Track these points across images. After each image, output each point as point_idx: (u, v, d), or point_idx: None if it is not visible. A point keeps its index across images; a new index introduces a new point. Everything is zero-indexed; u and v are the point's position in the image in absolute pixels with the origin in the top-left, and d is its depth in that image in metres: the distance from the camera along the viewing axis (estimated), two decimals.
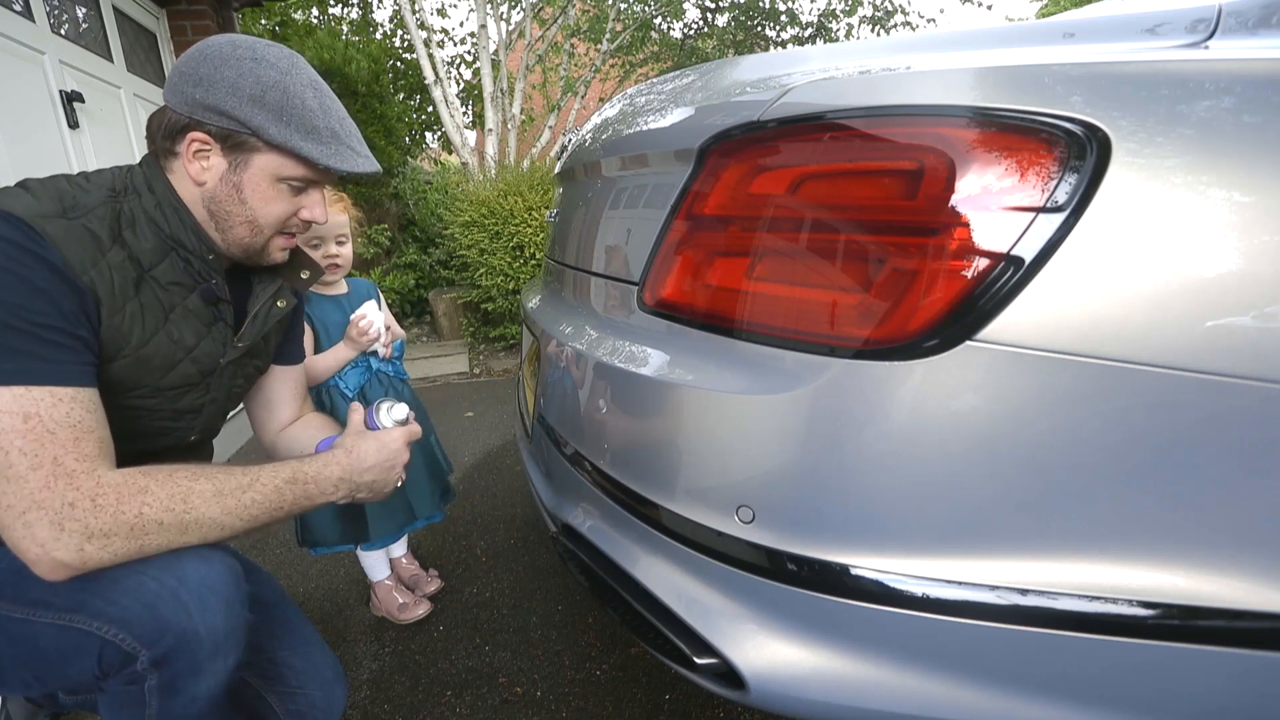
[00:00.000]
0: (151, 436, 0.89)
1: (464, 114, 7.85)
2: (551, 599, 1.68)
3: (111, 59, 2.82)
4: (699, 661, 0.74)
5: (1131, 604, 0.59)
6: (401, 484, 1.02)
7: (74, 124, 2.44)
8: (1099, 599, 0.60)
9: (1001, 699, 0.66)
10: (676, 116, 0.85)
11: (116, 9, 2.87)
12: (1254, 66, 0.57)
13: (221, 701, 0.82)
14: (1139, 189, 0.56)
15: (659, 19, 7.83)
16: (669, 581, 0.80)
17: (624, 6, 7.05)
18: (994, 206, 0.60)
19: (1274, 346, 0.54)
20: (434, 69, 5.69)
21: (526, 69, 6.33)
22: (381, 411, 1.01)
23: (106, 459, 0.75)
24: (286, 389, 1.13)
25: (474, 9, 5.91)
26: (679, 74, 1.02)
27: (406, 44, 7.45)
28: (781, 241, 0.71)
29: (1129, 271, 0.56)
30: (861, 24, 8.08)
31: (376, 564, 1.63)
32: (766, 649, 0.72)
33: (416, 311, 5.63)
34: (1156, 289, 0.56)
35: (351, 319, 1.47)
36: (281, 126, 0.80)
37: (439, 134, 7.65)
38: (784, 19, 7.98)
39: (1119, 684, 0.62)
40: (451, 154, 6.78)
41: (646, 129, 0.91)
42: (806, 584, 0.69)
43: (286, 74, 0.81)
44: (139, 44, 3.10)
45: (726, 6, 7.93)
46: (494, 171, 5.12)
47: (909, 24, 8.15)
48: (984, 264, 0.60)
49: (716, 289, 0.77)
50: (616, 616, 0.86)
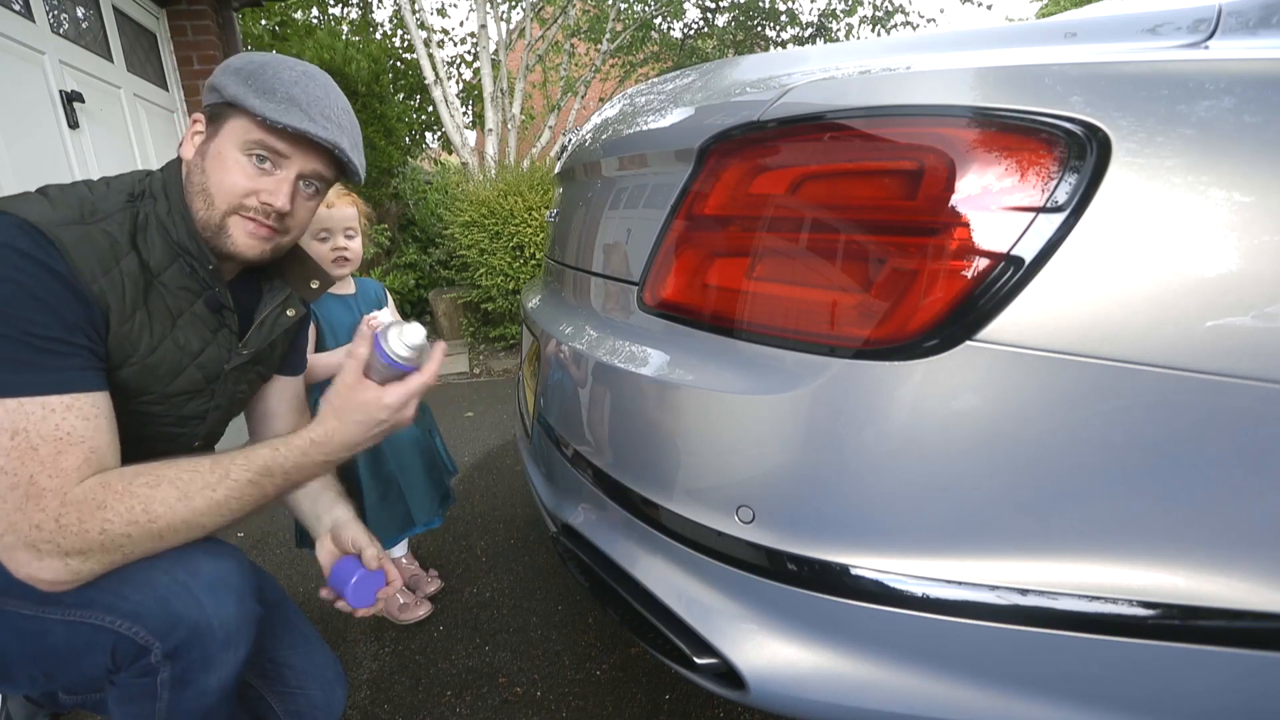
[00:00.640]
0: (157, 442, 0.90)
1: (464, 114, 7.85)
2: (551, 599, 1.68)
3: (111, 59, 2.82)
4: (699, 661, 0.74)
5: (1131, 604, 0.59)
6: (401, 479, 0.97)
7: (74, 124, 2.44)
8: (1099, 599, 0.60)
9: (1001, 699, 0.66)
10: (676, 116, 0.85)
11: (116, 9, 2.87)
12: (1254, 66, 0.57)
13: (231, 694, 0.82)
14: (1139, 189, 0.56)
15: (659, 19, 7.84)
16: (669, 581, 0.80)
17: (624, 6, 7.05)
18: (994, 206, 0.60)
19: (1274, 346, 0.54)
20: (434, 69, 5.69)
21: (526, 69, 6.33)
22: (391, 337, 0.83)
23: (90, 469, 0.72)
24: (285, 400, 1.12)
25: (474, 9, 5.91)
26: (679, 74, 1.02)
27: (406, 44, 7.45)
28: (781, 241, 0.71)
29: (1129, 271, 0.56)
30: (862, 24, 8.09)
31: None
32: (766, 649, 0.72)
33: (416, 311, 5.63)
34: (1157, 289, 0.56)
35: (365, 320, 1.46)
36: (241, 85, 0.80)
37: (439, 134, 7.65)
38: (784, 19, 7.99)
39: (1119, 684, 0.62)
40: (451, 154, 6.78)
41: (646, 129, 0.91)
42: (806, 584, 0.69)
43: (281, 60, 0.83)
44: (139, 44, 3.10)
45: (726, 6, 7.93)
46: (494, 171, 5.12)
47: (909, 24, 8.16)
48: (984, 264, 0.60)
49: (717, 289, 0.77)
50: (616, 616, 0.86)
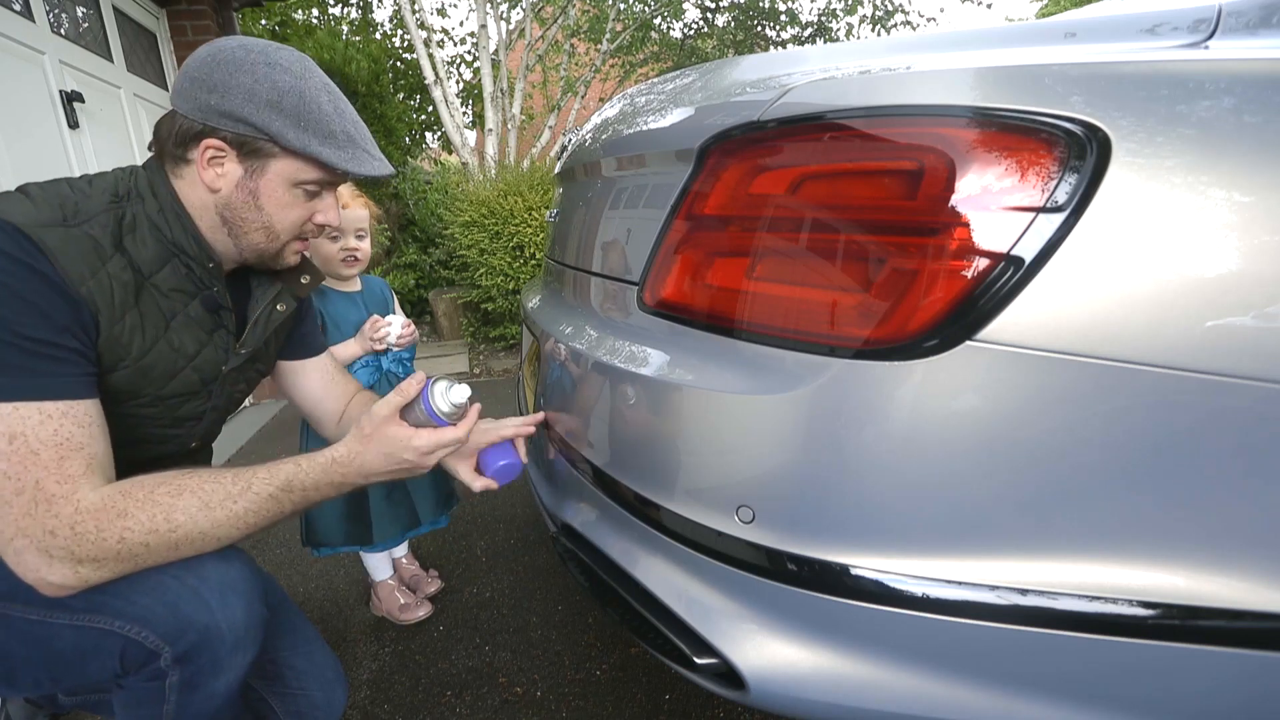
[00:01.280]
0: (151, 444, 0.89)
1: (464, 114, 7.85)
2: (551, 599, 1.68)
3: (111, 59, 2.82)
4: (699, 661, 0.74)
5: (1131, 604, 0.59)
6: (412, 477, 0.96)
7: (74, 124, 2.44)
8: (1099, 599, 0.60)
9: (1001, 699, 0.66)
10: (676, 116, 0.85)
11: (116, 9, 2.87)
12: (1254, 66, 0.57)
13: (237, 696, 0.83)
14: (1139, 189, 0.56)
15: (659, 19, 7.84)
16: (669, 581, 0.80)
17: (624, 6, 7.05)
18: (994, 206, 0.60)
19: (1274, 346, 0.54)
20: (434, 69, 5.69)
21: (526, 69, 6.33)
22: (436, 394, 0.86)
23: (94, 476, 0.72)
24: (325, 380, 1.12)
25: (474, 9, 5.91)
26: (679, 74, 1.02)
27: (406, 44, 7.44)
28: (781, 241, 0.71)
29: (1129, 271, 0.56)
30: (862, 23, 8.09)
31: (380, 565, 1.63)
32: (766, 649, 0.72)
33: (416, 311, 5.63)
34: (1157, 289, 0.56)
35: (372, 318, 1.47)
36: (300, 132, 0.79)
37: (439, 134, 7.65)
38: (784, 19, 7.99)
39: (1119, 684, 0.62)
40: (451, 154, 6.78)
41: (646, 129, 0.91)
42: (806, 584, 0.69)
43: (301, 78, 0.80)
44: (139, 44, 3.10)
45: (726, 6, 7.93)
46: (494, 171, 5.12)
47: (909, 23, 8.16)
48: (984, 264, 0.60)
49: (717, 289, 0.77)
50: (616, 616, 0.86)
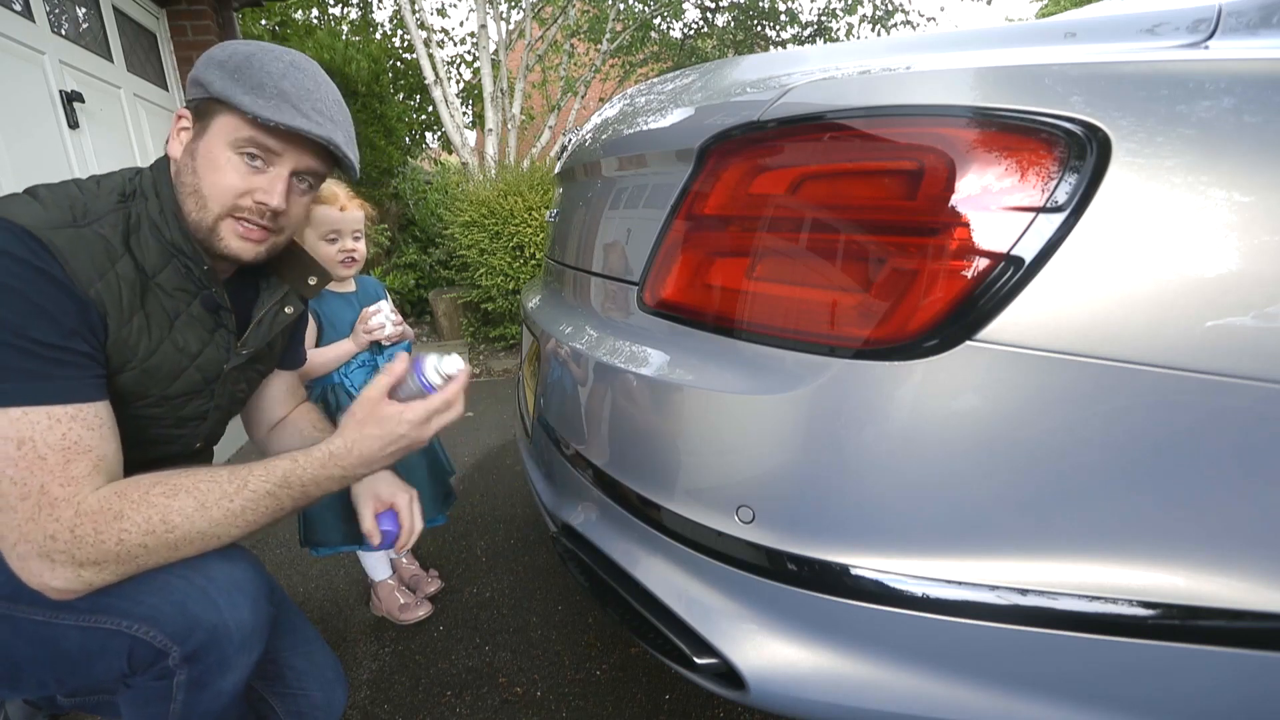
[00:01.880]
0: (157, 445, 0.89)
1: (464, 114, 7.85)
2: (551, 599, 1.68)
3: (111, 59, 2.82)
4: (699, 661, 0.74)
5: (1131, 604, 0.59)
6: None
7: (74, 124, 2.44)
8: (1099, 599, 0.60)
9: (1001, 699, 0.66)
10: (676, 116, 0.85)
11: (116, 9, 2.87)
12: (1254, 66, 0.57)
13: (241, 695, 0.83)
14: (1139, 189, 0.56)
15: (659, 19, 7.84)
16: (669, 581, 0.80)
17: (624, 6, 7.05)
18: (994, 206, 0.60)
19: (1274, 346, 0.54)
20: (434, 69, 5.69)
21: (526, 69, 6.33)
22: (428, 368, 0.85)
23: (99, 477, 0.72)
24: (282, 390, 1.13)
25: (474, 9, 5.91)
26: (679, 74, 1.02)
27: (406, 44, 7.45)
28: (781, 241, 0.71)
29: (1129, 271, 0.56)
30: (862, 23, 8.09)
31: (378, 565, 1.63)
32: (766, 649, 0.72)
33: (416, 311, 5.63)
34: (1157, 289, 0.56)
35: (363, 313, 1.47)
36: (228, 81, 0.76)
37: (439, 134, 7.65)
38: (784, 19, 7.99)
39: (1119, 684, 0.62)
40: (451, 154, 6.78)
41: (646, 129, 0.91)
42: (806, 584, 0.69)
43: (266, 51, 0.79)
44: (139, 44, 3.10)
45: (726, 6, 7.93)
46: (494, 171, 5.12)
47: (909, 23, 8.16)
48: (984, 264, 0.60)
49: (717, 289, 0.77)
50: (616, 616, 0.86)
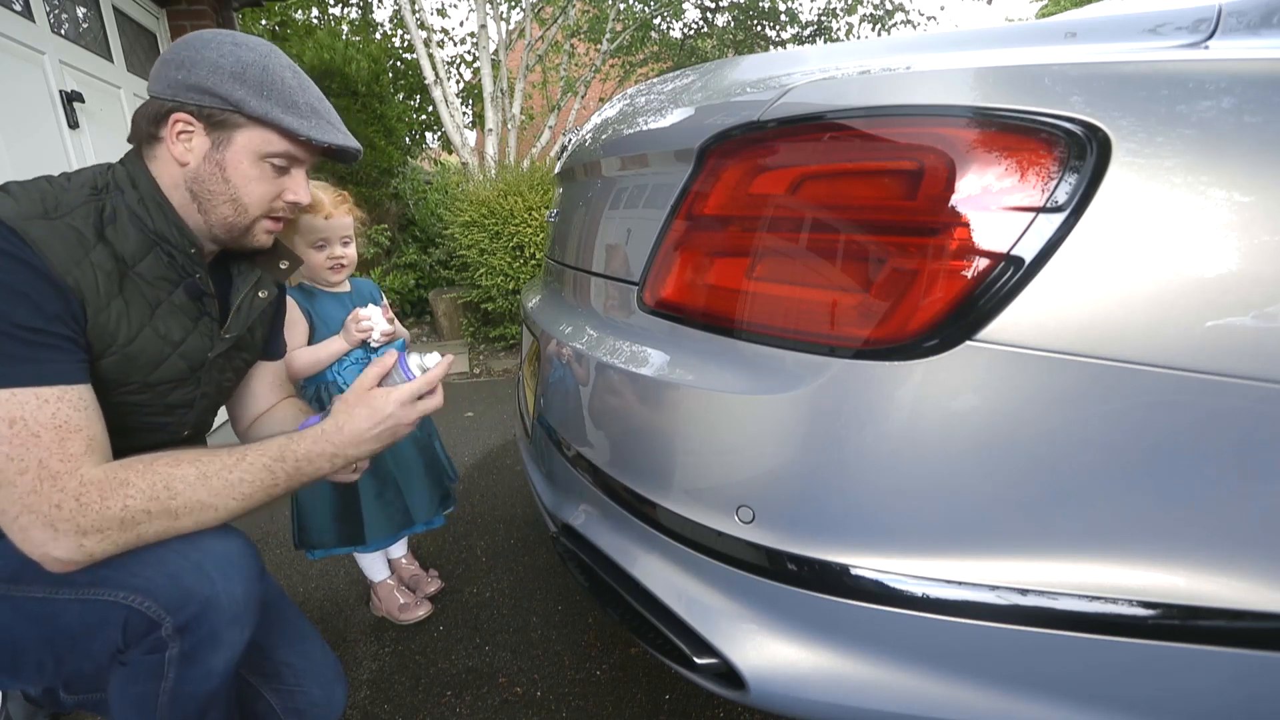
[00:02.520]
0: (144, 433, 0.90)
1: (464, 114, 7.85)
2: (551, 599, 1.68)
3: (111, 59, 2.82)
4: (699, 661, 0.74)
5: (1131, 604, 0.59)
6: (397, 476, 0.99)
7: (74, 124, 2.44)
8: (1099, 599, 0.60)
9: (1001, 699, 0.66)
10: (676, 116, 0.85)
11: (116, 9, 2.87)
12: (1254, 66, 0.57)
13: (232, 680, 0.83)
14: (1139, 189, 0.56)
15: (659, 19, 7.84)
16: (669, 581, 0.80)
17: (624, 6, 7.05)
18: (994, 206, 0.60)
19: (1274, 346, 0.54)
20: (434, 69, 5.69)
21: (526, 69, 6.33)
22: (412, 363, 0.95)
23: (94, 455, 0.75)
24: (266, 382, 1.13)
25: (474, 9, 5.91)
26: (679, 74, 1.02)
27: (406, 44, 7.45)
28: (781, 241, 0.71)
29: (1129, 271, 0.56)
30: (862, 23, 8.09)
31: (375, 565, 1.63)
32: (766, 649, 0.72)
33: (416, 311, 5.63)
34: (1157, 289, 0.56)
35: (354, 312, 1.48)
36: (262, 100, 0.81)
37: (439, 134, 7.65)
38: (784, 19, 7.99)
39: (1119, 684, 0.62)
40: (451, 154, 6.78)
41: (646, 129, 0.91)
42: (806, 584, 0.69)
43: (266, 56, 0.83)
44: (139, 44, 3.10)
45: (726, 6, 7.93)
46: (494, 171, 5.12)
47: (909, 22, 8.16)
48: (984, 264, 0.60)
49: (716, 289, 0.77)
50: (616, 616, 0.86)
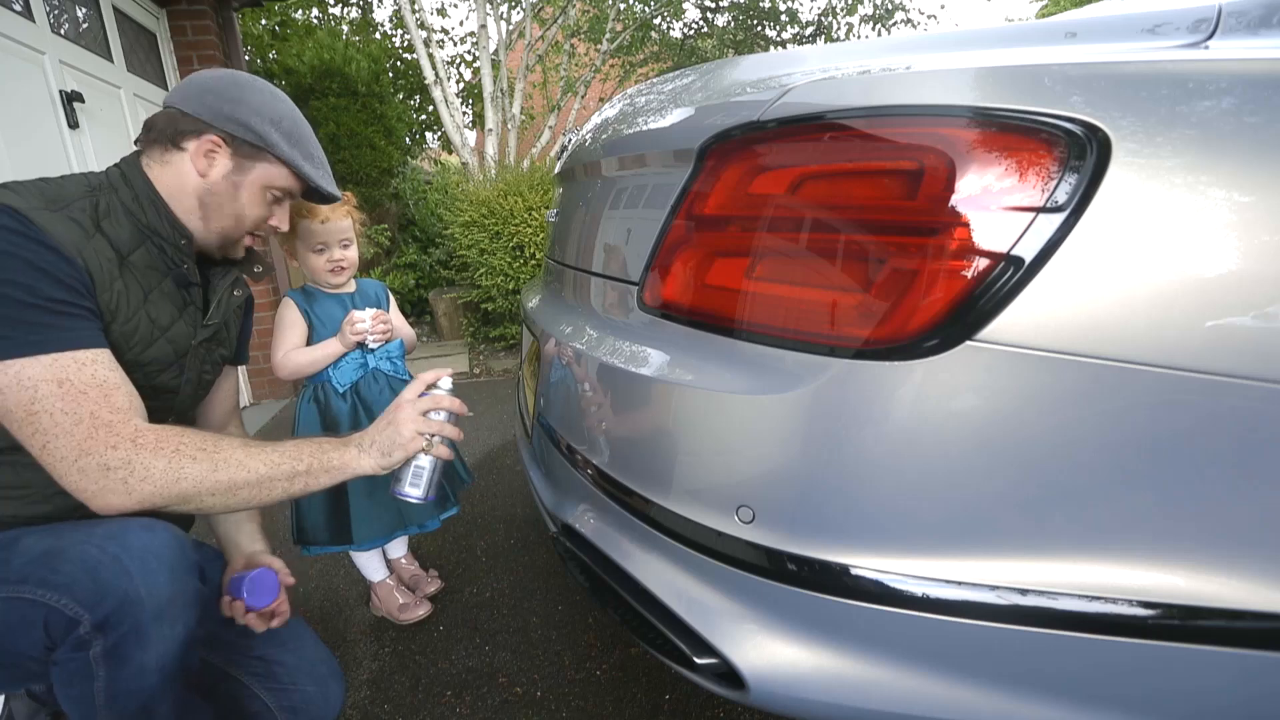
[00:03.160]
0: None
1: (464, 114, 7.85)
2: (551, 599, 1.68)
3: (111, 59, 2.82)
4: (699, 661, 0.74)
5: (1131, 604, 0.59)
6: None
7: (74, 124, 2.44)
8: (1099, 599, 0.60)
9: (1001, 699, 0.66)
10: (676, 116, 0.85)
11: (116, 9, 2.87)
12: (1254, 66, 0.57)
13: (173, 677, 0.81)
14: (1139, 189, 0.56)
15: (659, 19, 7.84)
16: (669, 581, 0.80)
17: (624, 6, 7.05)
18: (994, 206, 0.60)
19: (1274, 346, 0.54)
20: (434, 69, 5.69)
21: (526, 69, 6.32)
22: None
23: (138, 410, 0.84)
24: (228, 384, 1.21)
25: (474, 9, 5.90)
26: (679, 74, 1.02)
27: (406, 44, 7.45)
28: (781, 241, 0.71)
29: (1129, 271, 0.56)
30: (862, 22, 8.09)
31: (372, 566, 1.63)
32: (766, 649, 0.72)
33: (416, 311, 5.63)
34: (1157, 289, 0.56)
35: (350, 314, 1.48)
36: (290, 148, 0.99)
37: (439, 134, 7.65)
38: (784, 19, 7.99)
39: (1119, 684, 0.62)
40: (451, 154, 6.78)
41: (646, 129, 0.91)
42: (806, 584, 0.69)
43: (294, 111, 1.01)
44: (139, 44, 3.10)
45: (726, 6, 7.93)
46: (494, 171, 5.12)
47: (909, 21, 8.16)
48: (984, 264, 0.60)
49: (716, 289, 0.77)
50: (616, 616, 0.86)
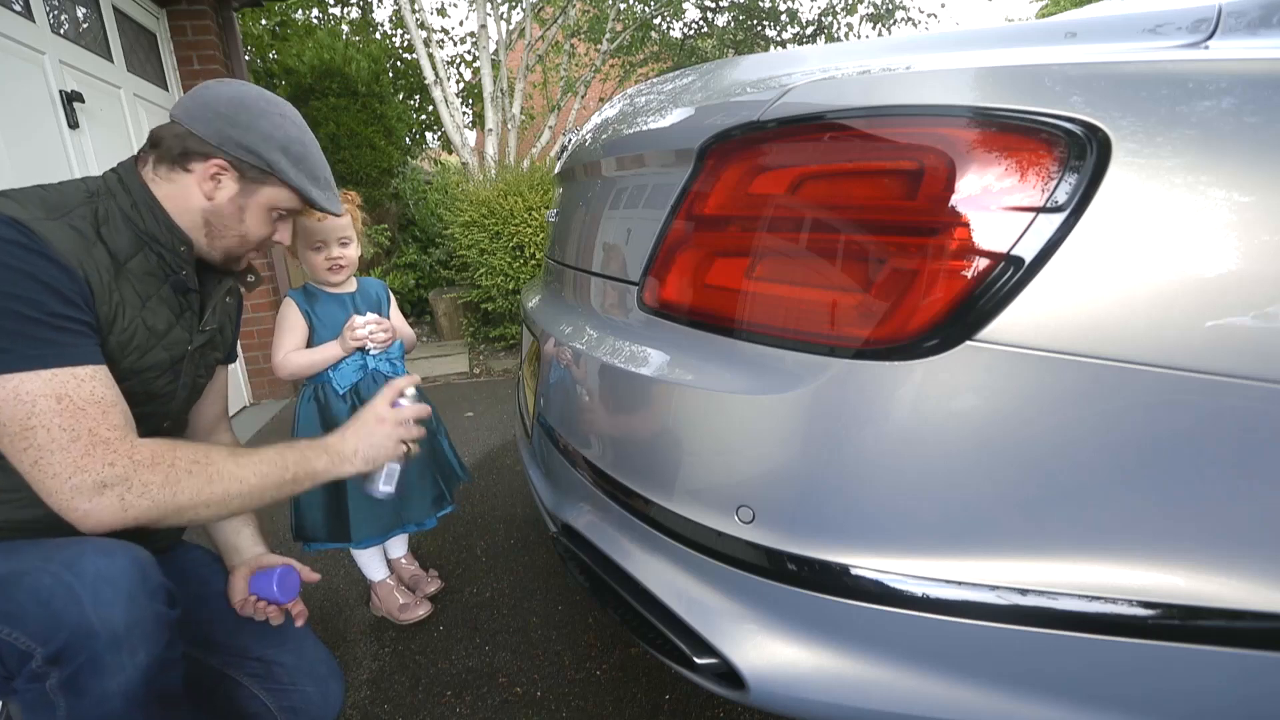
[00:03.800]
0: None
1: (464, 114, 7.85)
2: (551, 599, 1.68)
3: (111, 59, 2.82)
4: (699, 661, 0.74)
5: (1131, 604, 0.59)
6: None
7: (74, 124, 2.44)
8: (1099, 599, 0.60)
9: (1001, 699, 0.66)
10: (676, 116, 0.85)
11: (116, 9, 2.87)
12: (1254, 66, 0.57)
13: (145, 700, 0.78)
14: (1139, 189, 0.56)
15: (659, 19, 7.84)
16: (669, 581, 0.80)
17: (624, 6, 7.05)
18: (994, 206, 0.60)
19: (1274, 346, 0.54)
20: (434, 69, 5.69)
21: (526, 69, 6.33)
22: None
23: (132, 428, 0.83)
24: (218, 383, 1.21)
25: (474, 9, 5.90)
26: (679, 74, 1.02)
27: (406, 44, 7.46)
28: (781, 241, 0.71)
29: (1129, 271, 0.56)
30: (863, 22, 8.09)
31: (373, 565, 1.63)
32: (766, 649, 0.72)
33: (416, 311, 5.63)
34: (1157, 289, 0.56)
35: (351, 320, 1.47)
36: (297, 172, 0.99)
37: (439, 134, 7.65)
38: (784, 19, 7.99)
39: (1119, 684, 0.62)
40: (451, 154, 6.78)
41: (646, 129, 0.91)
42: (806, 584, 0.69)
43: (303, 132, 1.01)
44: (139, 44, 3.10)
45: (726, 6, 7.93)
46: (494, 171, 5.12)
47: (910, 20, 8.15)
48: (984, 264, 0.60)
49: (716, 289, 0.77)
50: (616, 616, 0.86)
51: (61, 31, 2.47)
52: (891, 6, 7.91)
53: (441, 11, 12.46)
